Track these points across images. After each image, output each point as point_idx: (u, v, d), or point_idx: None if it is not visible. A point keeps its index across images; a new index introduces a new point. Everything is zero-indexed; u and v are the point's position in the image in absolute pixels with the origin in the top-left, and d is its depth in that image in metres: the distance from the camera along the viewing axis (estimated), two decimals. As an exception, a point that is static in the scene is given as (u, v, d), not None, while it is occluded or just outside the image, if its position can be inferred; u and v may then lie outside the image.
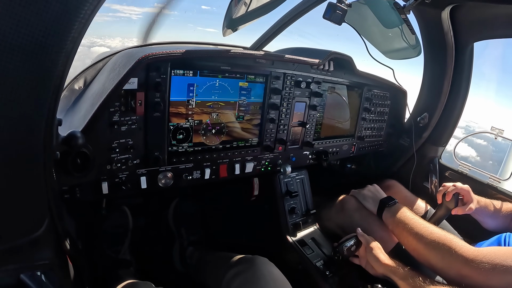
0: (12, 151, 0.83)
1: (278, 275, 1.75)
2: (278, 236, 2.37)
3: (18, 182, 0.90)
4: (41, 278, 1.11)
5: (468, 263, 1.49)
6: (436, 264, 1.67)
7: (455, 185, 2.14)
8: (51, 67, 0.77)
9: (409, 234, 1.84)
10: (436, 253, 1.66)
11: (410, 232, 1.84)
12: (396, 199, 2.14)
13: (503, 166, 4.05)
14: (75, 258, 1.55)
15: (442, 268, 1.63)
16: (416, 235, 1.79)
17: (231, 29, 2.01)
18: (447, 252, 1.60)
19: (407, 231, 1.87)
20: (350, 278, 2.09)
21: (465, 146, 20.61)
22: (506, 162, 4.20)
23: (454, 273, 1.56)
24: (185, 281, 2.42)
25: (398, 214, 2.00)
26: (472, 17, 2.19)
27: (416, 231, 1.81)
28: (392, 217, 2.02)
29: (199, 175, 1.89)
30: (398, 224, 1.96)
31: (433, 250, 1.68)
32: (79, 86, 2.03)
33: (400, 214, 2.00)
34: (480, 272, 1.45)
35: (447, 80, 2.57)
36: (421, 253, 1.75)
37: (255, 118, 2.06)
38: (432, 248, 1.69)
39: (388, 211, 2.08)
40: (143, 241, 2.65)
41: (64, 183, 1.42)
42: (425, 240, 1.73)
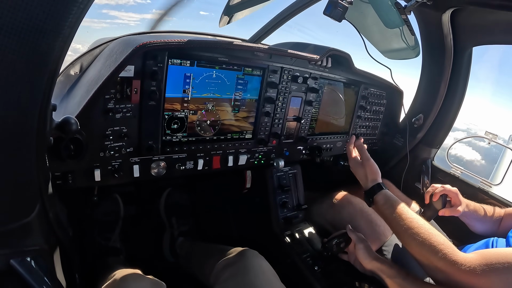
0: (5, 135, 0.82)
1: (267, 268, 1.76)
2: (268, 229, 2.38)
3: (9, 166, 0.89)
4: (31, 264, 1.10)
5: (457, 268, 1.46)
6: (424, 264, 1.63)
7: (444, 186, 2.15)
8: (47, 52, 0.77)
9: (400, 226, 1.74)
10: (426, 253, 1.60)
11: (400, 225, 1.74)
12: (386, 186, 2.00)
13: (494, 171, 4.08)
14: (65, 244, 1.55)
15: (431, 270, 1.60)
16: (407, 230, 1.70)
17: (227, 16, 1.99)
18: (437, 255, 1.55)
19: (400, 229, 1.76)
20: (338, 274, 2.10)
21: (469, 149, 20.65)
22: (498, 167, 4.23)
23: (442, 276, 1.54)
24: (174, 271, 2.43)
25: (392, 202, 1.85)
26: (473, 22, 2.19)
27: (406, 225, 1.71)
28: (383, 205, 1.89)
29: (192, 165, 1.89)
30: (392, 219, 1.81)
31: (424, 250, 1.61)
32: (75, 72, 2.01)
33: (393, 202, 1.85)
34: (470, 276, 1.44)
35: (444, 83, 2.57)
36: (411, 250, 1.69)
37: (251, 111, 2.06)
38: (423, 248, 1.62)
39: (381, 196, 1.92)
40: (133, 229, 2.65)
41: (57, 169, 1.42)
42: (416, 237, 1.65)
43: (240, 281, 1.65)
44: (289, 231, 2.34)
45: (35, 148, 0.93)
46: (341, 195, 2.46)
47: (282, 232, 2.32)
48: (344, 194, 2.46)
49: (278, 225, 2.36)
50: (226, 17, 2.01)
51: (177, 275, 2.34)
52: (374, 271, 1.87)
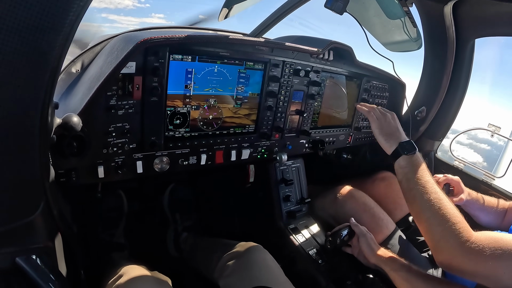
0: (8, 134, 0.82)
1: (271, 262, 1.77)
2: (272, 223, 2.38)
3: (13, 165, 0.89)
4: (36, 262, 1.11)
5: (464, 251, 1.42)
6: (431, 240, 1.57)
7: (446, 175, 2.15)
8: (48, 50, 0.77)
9: (419, 196, 1.65)
10: (437, 229, 1.53)
11: (420, 194, 1.64)
12: (416, 148, 1.84)
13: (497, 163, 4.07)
14: (70, 241, 1.56)
15: (436, 248, 1.55)
16: (425, 202, 1.60)
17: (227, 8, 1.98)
18: (448, 234, 1.48)
19: (417, 191, 1.67)
20: (342, 267, 2.11)
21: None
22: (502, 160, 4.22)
23: (446, 257, 1.50)
24: (179, 266, 2.44)
25: (415, 167, 1.73)
26: (475, 13, 2.17)
27: (426, 197, 1.61)
28: (408, 166, 1.77)
29: (195, 160, 1.89)
30: (411, 178, 1.72)
31: (435, 225, 1.54)
32: (77, 69, 2.01)
33: (417, 168, 1.73)
34: (474, 260, 1.40)
35: (446, 75, 2.56)
36: (423, 222, 1.61)
37: (253, 105, 2.05)
38: (436, 223, 1.54)
39: (405, 158, 1.80)
40: (137, 225, 2.66)
41: (60, 166, 1.42)
42: (432, 211, 1.56)
43: (244, 275, 1.65)
44: (293, 224, 2.35)
45: (38, 146, 0.94)
46: (344, 188, 2.46)
47: (286, 226, 2.32)
48: (347, 188, 2.46)
49: (281, 219, 2.36)
50: (225, 9, 2.00)
51: (181, 270, 2.35)
52: (378, 264, 1.88)
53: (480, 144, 16.47)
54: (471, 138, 12.56)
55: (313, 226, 2.39)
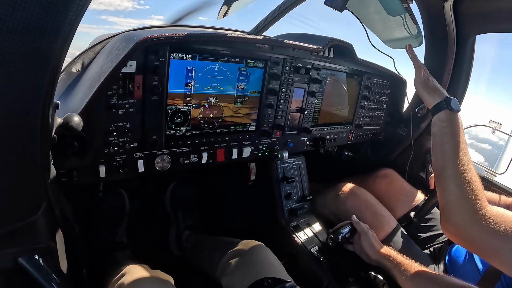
0: (9, 135, 0.82)
1: (273, 260, 1.77)
2: (273, 221, 2.38)
3: (15, 165, 0.90)
4: (39, 262, 1.11)
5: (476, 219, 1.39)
6: (447, 200, 1.52)
7: None
8: (48, 50, 0.77)
9: (449, 152, 1.59)
10: (456, 190, 1.49)
11: (451, 152, 1.58)
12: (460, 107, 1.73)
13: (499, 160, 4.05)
14: (72, 241, 1.56)
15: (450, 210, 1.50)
16: (454, 160, 1.55)
17: (226, 6, 1.98)
18: (466, 196, 1.45)
19: (449, 147, 1.60)
20: (344, 264, 2.11)
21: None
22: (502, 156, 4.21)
23: (456, 221, 1.46)
24: (181, 265, 2.45)
25: (454, 125, 1.65)
26: (475, 10, 2.17)
27: (456, 155, 1.56)
28: (447, 121, 1.67)
29: (196, 159, 1.90)
30: (447, 133, 1.64)
31: (455, 185, 1.50)
32: (77, 69, 2.01)
33: (455, 126, 1.65)
34: (484, 231, 1.37)
35: (447, 72, 2.56)
36: (444, 179, 1.56)
37: (254, 103, 2.06)
38: (456, 183, 1.50)
39: (446, 113, 1.68)
40: (139, 224, 2.67)
41: (61, 166, 1.42)
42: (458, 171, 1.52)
43: (246, 273, 1.66)
44: (294, 222, 2.35)
45: (39, 146, 0.94)
46: (346, 186, 2.46)
47: (288, 224, 2.32)
48: (349, 185, 2.47)
49: (283, 217, 2.36)
50: (225, 7, 2.00)
51: (184, 268, 2.35)
52: (380, 261, 1.88)
53: (481, 144, 16.39)
54: (472, 138, 12.48)
55: (314, 223, 2.39)
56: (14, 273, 1.06)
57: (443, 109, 1.69)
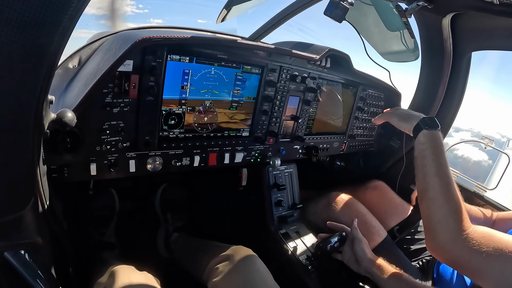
0: (1, 127, 0.82)
1: (261, 266, 1.76)
2: (263, 227, 2.38)
3: (5, 159, 0.89)
4: (25, 257, 1.10)
5: (460, 239, 1.40)
6: (430, 221, 1.54)
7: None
8: (46, 44, 0.76)
9: (430, 174, 1.60)
10: (439, 211, 1.51)
11: (432, 173, 1.60)
12: (439, 125, 1.75)
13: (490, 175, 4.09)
14: (60, 238, 1.55)
15: (434, 230, 1.51)
16: (436, 181, 1.57)
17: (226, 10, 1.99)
18: (448, 217, 1.47)
19: (430, 169, 1.62)
20: (332, 273, 2.11)
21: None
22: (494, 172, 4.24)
23: (440, 242, 1.47)
24: (168, 267, 2.43)
25: (434, 144, 1.66)
26: (473, 27, 2.19)
27: (437, 177, 1.58)
28: (427, 143, 1.68)
29: (188, 161, 1.89)
30: (427, 155, 1.65)
31: (437, 207, 1.52)
32: (74, 65, 2.00)
33: (435, 145, 1.66)
34: (467, 252, 1.38)
35: (442, 86, 2.58)
36: (427, 201, 1.58)
37: (248, 109, 2.06)
38: (439, 204, 1.52)
39: (424, 134, 1.70)
40: (128, 224, 2.65)
41: (53, 162, 1.42)
42: (439, 192, 1.54)
43: (233, 279, 1.65)
44: (284, 229, 2.34)
45: (32, 140, 0.93)
46: (337, 195, 2.46)
47: (277, 231, 2.32)
48: (340, 195, 2.47)
49: (273, 224, 2.36)
50: (224, 11, 2.01)
51: (171, 271, 2.34)
52: (369, 270, 1.88)
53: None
54: (475, 136, 12.64)
55: (304, 231, 2.39)
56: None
57: (421, 130, 1.72)
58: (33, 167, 1.01)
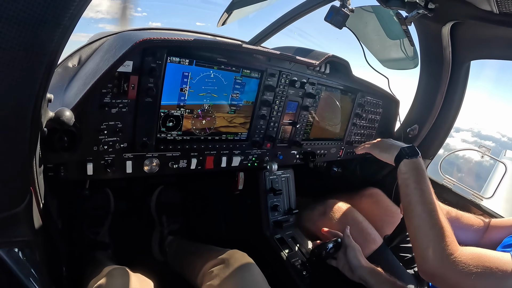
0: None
1: (255, 271, 1.76)
2: (258, 232, 2.37)
3: (1, 155, 0.88)
4: (18, 255, 1.10)
5: (448, 264, 1.43)
6: (418, 248, 1.57)
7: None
8: (46, 42, 0.76)
9: (414, 202, 1.64)
10: (425, 238, 1.54)
11: (416, 201, 1.63)
12: (419, 153, 1.81)
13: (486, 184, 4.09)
14: (54, 237, 1.54)
15: (422, 256, 1.54)
16: (420, 208, 1.61)
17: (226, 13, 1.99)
18: (435, 243, 1.49)
19: (413, 197, 1.66)
20: (326, 279, 2.11)
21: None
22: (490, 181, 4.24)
23: (429, 268, 1.50)
24: (162, 270, 2.42)
25: (415, 173, 1.71)
26: (472, 36, 2.20)
27: (421, 204, 1.61)
28: (408, 172, 1.73)
29: (185, 164, 1.89)
30: (410, 184, 1.70)
31: (423, 233, 1.55)
32: (73, 64, 2.00)
33: (416, 173, 1.71)
34: (457, 275, 1.40)
35: (440, 95, 2.58)
36: (413, 229, 1.62)
37: (247, 113, 2.06)
38: (425, 230, 1.55)
39: (405, 163, 1.77)
40: (123, 225, 2.64)
41: (49, 160, 1.41)
42: (424, 218, 1.57)
43: (228, 283, 1.64)
44: (279, 234, 2.34)
45: (29, 138, 0.93)
46: (333, 202, 2.46)
47: (272, 235, 2.32)
48: (336, 202, 2.47)
49: (268, 228, 2.36)
50: (225, 14, 2.01)
51: (165, 273, 2.32)
52: (363, 278, 1.88)
53: (484, 141, 16.67)
54: (476, 136, 12.63)
55: (299, 237, 2.39)
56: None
57: (402, 160, 1.78)
58: (29, 164, 1.01)
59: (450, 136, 2.89)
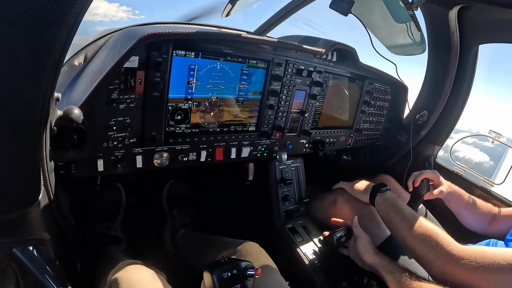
0: (9, 125, 0.82)
1: (267, 261, 1.77)
2: (269, 222, 2.38)
3: (13, 155, 0.89)
4: (33, 253, 1.11)
5: (453, 260, 1.49)
6: (421, 257, 1.67)
7: (422, 172, 2.19)
8: (51, 42, 0.76)
9: (399, 222, 1.83)
10: (422, 246, 1.65)
11: (400, 221, 1.83)
12: (388, 186, 2.13)
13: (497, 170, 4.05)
14: (67, 233, 1.56)
15: (427, 262, 1.63)
16: (405, 225, 1.77)
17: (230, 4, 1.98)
18: (433, 247, 1.59)
19: (396, 219, 1.85)
20: (338, 268, 2.11)
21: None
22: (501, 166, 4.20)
23: (438, 269, 1.56)
24: (175, 262, 2.44)
25: (390, 201, 1.98)
26: (480, 20, 2.17)
27: (405, 221, 1.79)
28: (384, 203, 2.01)
29: (195, 157, 1.89)
30: (389, 211, 1.93)
31: (419, 243, 1.67)
32: (79, 62, 2.01)
33: (391, 201, 1.98)
34: (464, 270, 1.45)
35: (449, 80, 2.55)
36: (408, 244, 1.74)
37: (255, 104, 2.05)
38: (419, 240, 1.67)
39: (380, 197, 2.06)
40: (135, 219, 2.66)
41: (60, 158, 1.42)
42: (413, 232, 1.71)
43: None
44: (290, 224, 2.35)
45: (39, 137, 0.93)
46: (343, 191, 2.46)
47: (283, 225, 2.32)
48: (344, 190, 2.46)
49: (279, 218, 2.36)
50: (229, 5, 2.00)
51: (177, 266, 2.35)
52: (374, 267, 1.88)
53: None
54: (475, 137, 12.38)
55: (310, 226, 2.39)
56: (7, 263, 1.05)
57: (375, 195, 2.09)
58: (40, 163, 1.02)
59: (449, 138, 2.87)
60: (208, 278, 1.28)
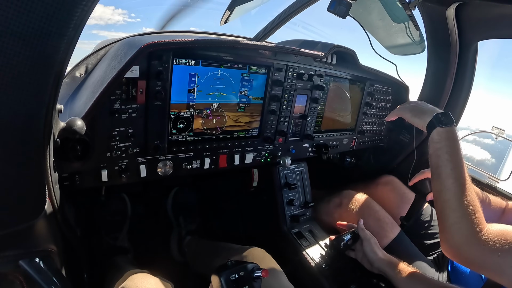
0: (12, 138, 0.83)
1: (274, 266, 1.77)
2: (275, 227, 2.38)
3: (17, 168, 0.90)
4: (39, 265, 1.11)
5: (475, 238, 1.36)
6: (446, 222, 1.48)
7: (423, 171, 2.13)
8: (52, 54, 0.77)
9: (448, 172, 1.52)
10: (457, 212, 1.44)
11: (450, 171, 1.51)
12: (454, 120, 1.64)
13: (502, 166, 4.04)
14: (73, 244, 1.56)
15: (447, 232, 1.46)
16: (453, 178, 1.49)
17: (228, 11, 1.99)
18: (464, 219, 1.41)
19: (446, 167, 1.53)
20: (346, 271, 2.10)
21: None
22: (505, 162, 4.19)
23: (456, 242, 1.43)
24: (182, 270, 2.44)
25: (449, 142, 1.56)
26: (478, 16, 2.17)
27: (456, 172, 1.50)
28: (441, 141, 1.58)
29: (198, 164, 1.89)
30: (442, 154, 1.56)
31: (458, 206, 1.44)
32: (81, 74, 2.02)
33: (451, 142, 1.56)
34: (484, 250, 1.34)
35: (450, 78, 2.55)
36: (446, 200, 1.50)
37: (256, 109, 2.05)
38: (457, 203, 1.45)
39: (438, 132, 1.60)
40: (141, 228, 2.67)
41: (64, 170, 1.43)
42: (459, 191, 1.46)
43: None
44: (296, 229, 2.34)
45: (42, 150, 0.94)
46: (348, 193, 2.45)
47: (289, 230, 2.32)
48: (352, 192, 2.46)
49: (285, 223, 2.36)
50: (227, 12, 2.01)
51: (185, 274, 2.35)
52: (382, 268, 1.87)
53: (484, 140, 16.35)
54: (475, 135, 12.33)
55: (317, 230, 2.38)
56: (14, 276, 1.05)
57: (434, 128, 1.63)
58: (44, 176, 1.02)
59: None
60: (216, 280, 1.28)
